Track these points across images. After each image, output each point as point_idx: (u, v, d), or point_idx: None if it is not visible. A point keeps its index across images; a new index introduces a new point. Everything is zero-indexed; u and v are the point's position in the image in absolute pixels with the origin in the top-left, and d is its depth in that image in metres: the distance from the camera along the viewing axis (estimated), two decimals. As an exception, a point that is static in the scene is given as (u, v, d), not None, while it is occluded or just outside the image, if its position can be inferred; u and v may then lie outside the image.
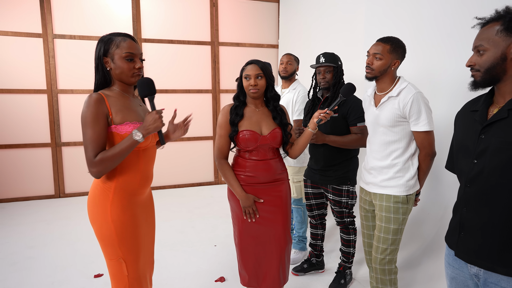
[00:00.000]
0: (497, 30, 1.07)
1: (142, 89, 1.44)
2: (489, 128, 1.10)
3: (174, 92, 4.86)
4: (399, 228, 1.77)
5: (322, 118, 1.78)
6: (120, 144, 1.36)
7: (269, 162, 1.83)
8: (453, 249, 1.22)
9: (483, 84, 1.12)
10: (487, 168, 1.09)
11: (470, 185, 1.15)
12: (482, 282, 1.12)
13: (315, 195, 2.46)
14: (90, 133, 1.35)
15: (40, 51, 4.26)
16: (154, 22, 4.68)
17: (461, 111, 1.29)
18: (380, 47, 1.74)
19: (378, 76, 1.77)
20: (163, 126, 1.42)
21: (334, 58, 2.28)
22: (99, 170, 1.35)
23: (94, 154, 1.34)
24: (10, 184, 4.33)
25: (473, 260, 1.14)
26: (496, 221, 1.07)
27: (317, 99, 2.40)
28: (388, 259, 1.79)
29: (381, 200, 1.80)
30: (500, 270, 1.06)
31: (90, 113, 1.35)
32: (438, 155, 2.29)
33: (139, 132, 1.36)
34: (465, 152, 1.18)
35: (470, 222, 1.15)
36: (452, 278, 1.24)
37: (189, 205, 4.25)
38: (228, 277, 2.54)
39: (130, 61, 1.44)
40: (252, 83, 1.76)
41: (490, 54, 1.08)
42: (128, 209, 1.47)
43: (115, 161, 1.36)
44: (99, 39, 1.46)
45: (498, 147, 1.06)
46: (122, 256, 1.46)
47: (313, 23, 4.12)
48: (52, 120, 4.38)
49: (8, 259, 2.81)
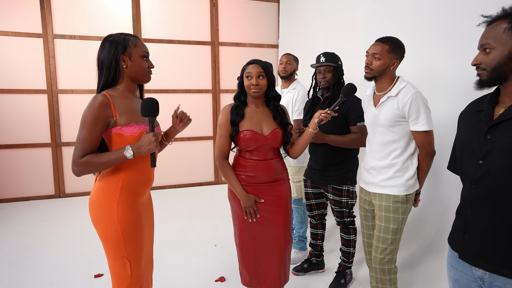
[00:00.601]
0: (505, 28, 1.05)
1: (145, 109, 1.39)
2: (495, 128, 1.08)
3: (174, 92, 4.86)
4: (398, 227, 1.77)
5: (323, 118, 1.78)
6: (109, 155, 1.37)
7: (270, 162, 1.83)
8: (457, 251, 1.20)
9: (489, 83, 1.10)
10: (493, 169, 1.07)
11: (476, 186, 1.13)
12: (488, 285, 1.10)
13: (315, 195, 2.46)
14: (85, 134, 1.36)
15: (40, 51, 4.26)
16: (154, 22, 4.68)
17: (465, 111, 1.27)
18: (379, 47, 1.74)
19: (377, 76, 1.78)
20: (157, 149, 1.41)
21: (335, 58, 2.28)
22: (80, 171, 1.37)
23: (81, 154, 1.36)
24: (10, 184, 4.33)
25: (478, 263, 1.11)
26: (502, 223, 1.05)
27: (317, 98, 2.40)
28: (387, 259, 1.79)
29: (380, 200, 1.80)
30: (506, 273, 1.04)
31: (90, 115, 1.35)
32: (439, 155, 2.29)
33: (131, 150, 1.36)
34: (470, 152, 1.16)
35: (475, 224, 1.13)
36: (455, 280, 1.22)
37: (189, 205, 4.25)
38: (228, 277, 2.54)
39: (146, 60, 1.50)
40: (254, 83, 1.76)
41: (497, 53, 1.06)
42: (133, 210, 1.48)
43: (98, 168, 1.38)
44: (107, 39, 1.44)
45: (505, 148, 1.04)
46: (127, 256, 1.46)
47: (313, 23, 4.12)
48: (52, 120, 4.38)
49: (8, 259, 2.81)
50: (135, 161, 1.46)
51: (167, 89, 4.82)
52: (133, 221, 1.47)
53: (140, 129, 1.43)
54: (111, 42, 1.43)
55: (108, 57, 1.43)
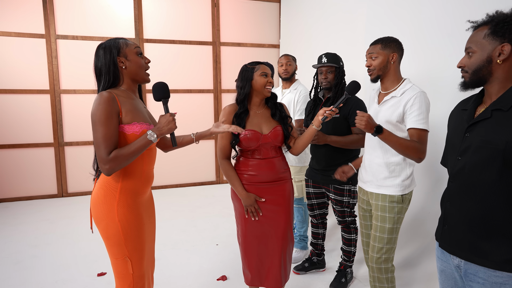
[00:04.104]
0: (485, 33, 1.11)
1: (157, 92, 1.48)
2: (473, 127, 1.15)
3: (176, 92, 4.88)
4: (394, 227, 1.79)
5: (327, 115, 1.77)
6: (135, 143, 1.39)
7: (272, 161, 1.85)
8: (438, 240, 1.29)
9: (471, 85, 1.17)
10: (468, 165, 1.14)
11: (453, 180, 1.21)
12: (463, 273, 1.18)
13: (316, 195, 2.48)
14: (103, 131, 1.35)
15: (43, 52, 4.29)
16: (156, 23, 4.70)
17: (454, 109, 1.33)
18: (372, 48, 1.81)
19: (380, 74, 1.79)
20: (176, 129, 1.45)
21: (336, 59, 2.29)
22: (111, 167, 1.36)
23: (107, 151, 1.36)
24: (14, 184, 4.36)
25: (455, 251, 1.20)
26: (475, 215, 1.13)
27: (319, 99, 2.41)
28: (384, 258, 1.81)
29: (377, 199, 1.83)
30: (477, 261, 1.12)
31: (103, 111, 1.35)
32: (437, 154, 2.30)
33: (153, 133, 1.40)
34: (452, 149, 1.24)
35: (452, 216, 1.21)
36: (442, 270, 1.30)
37: (191, 204, 4.27)
38: (230, 276, 2.55)
39: (141, 56, 1.53)
40: (271, 80, 1.84)
41: (477, 57, 1.13)
42: (134, 209, 1.49)
43: (128, 159, 1.39)
44: (100, 47, 1.47)
45: (479, 146, 1.11)
46: (128, 254, 1.48)
47: (314, 23, 4.13)
48: (55, 120, 4.41)
49: (12, 258, 2.84)
50: (134, 161, 1.47)
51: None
52: (134, 220, 1.48)
53: (142, 128, 1.45)
54: (104, 48, 1.46)
55: (105, 63, 1.46)
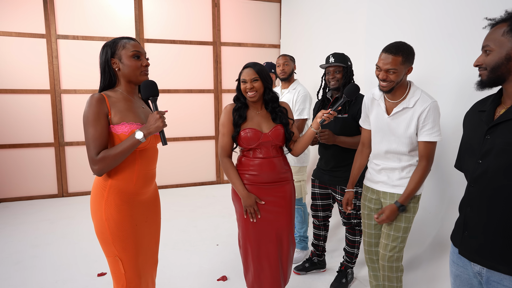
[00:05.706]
0: (504, 31, 1.09)
1: (145, 90, 1.50)
2: (494, 129, 1.11)
3: (177, 92, 4.88)
4: (408, 226, 1.79)
5: (325, 118, 1.78)
6: (122, 144, 1.41)
7: (273, 160, 1.84)
8: (457, 247, 1.24)
9: (489, 83, 1.14)
10: (491, 169, 1.10)
11: (474, 185, 1.16)
12: (485, 280, 1.14)
13: (322, 196, 2.46)
14: (92, 132, 1.39)
15: (43, 52, 4.29)
16: (157, 23, 4.70)
17: (469, 110, 1.30)
18: (391, 60, 1.64)
19: (395, 87, 1.72)
20: (165, 127, 1.45)
21: (344, 59, 2.29)
22: (100, 168, 1.39)
23: (96, 152, 1.39)
24: (14, 184, 4.36)
25: (476, 259, 1.15)
26: (499, 221, 1.08)
27: (327, 99, 2.41)
28: (396, 257, 1.81)
29: (391, 199, 1.81)
30: (502, 269, 1.08)
31: (91, 112, 1.39)
32: (442, 155, 2.29)
33: (140, 132, 1.40)
34: (471, 152, 1.19)
35: (473, 221, 1.17)
36: (456, 276, 1.26)
37: (191, 204, 4.27)
38: (230, 276, 2.55)
39: (138, 59, 1.51)
40: (248, 86, 1.78)
41: (496, 54, 1.10)
42: (123, 209, 1.48)
43: (116, 160, 1.40)
44: (104, 45, 1.51)
45: (503, 148, 1.07)
46: (118, 254, 1.48)
47: (314, 23, 4.12)
48: (55, 120, 4.41)
49: (12, 258, 2.84)
50: (124, 160, 1.48)
51: (169, 89, 4.84)
52: (121, 220, 1.47)
53: (131, 128, 1.45)
54: (104, 47, 1.51)
55: (101, 62, 1.51)
